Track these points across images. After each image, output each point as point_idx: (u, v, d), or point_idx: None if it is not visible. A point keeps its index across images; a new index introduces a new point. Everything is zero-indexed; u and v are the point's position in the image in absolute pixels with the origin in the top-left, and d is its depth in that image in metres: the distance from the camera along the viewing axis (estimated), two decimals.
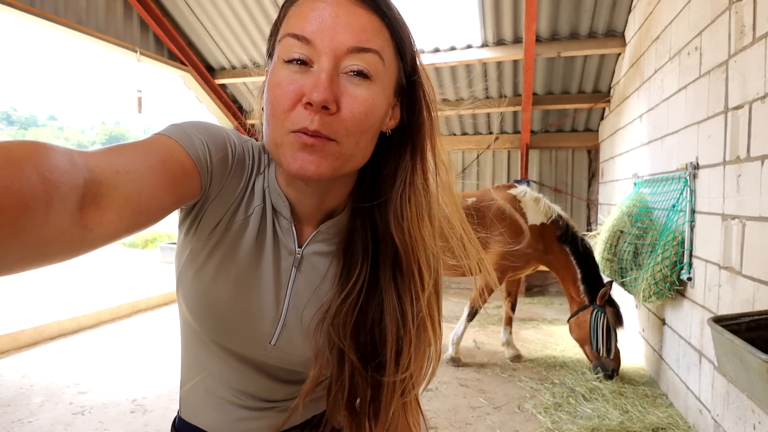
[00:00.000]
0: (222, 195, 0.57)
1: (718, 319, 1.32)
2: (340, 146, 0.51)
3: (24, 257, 0.33)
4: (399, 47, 0.54)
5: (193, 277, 0.59)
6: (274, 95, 0.50)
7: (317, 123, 0.48)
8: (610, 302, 3.13)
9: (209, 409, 0.67)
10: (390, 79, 0.54)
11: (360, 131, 0.51)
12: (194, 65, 5.41)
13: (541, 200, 3.45)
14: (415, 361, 0.59)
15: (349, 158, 0.53)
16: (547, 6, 4.08)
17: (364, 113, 0.51)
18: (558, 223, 3.37)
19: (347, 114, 0.50)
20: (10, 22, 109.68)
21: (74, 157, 0.37)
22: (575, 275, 3.27)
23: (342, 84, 0.50)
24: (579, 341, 3.26)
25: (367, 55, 0.50)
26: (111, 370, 3.15)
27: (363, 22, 0.50)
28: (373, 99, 0.51)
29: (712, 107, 2.27)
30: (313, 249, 0.63)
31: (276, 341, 0.62)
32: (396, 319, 0.58)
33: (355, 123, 0.50)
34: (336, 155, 0.51)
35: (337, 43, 0.49)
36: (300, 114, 0.49)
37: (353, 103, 0.50)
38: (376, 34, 0.51)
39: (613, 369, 3.02)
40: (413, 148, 0.59)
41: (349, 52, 0.49)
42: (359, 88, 0.50)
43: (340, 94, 0.49)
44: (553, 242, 3.34)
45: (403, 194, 0.58)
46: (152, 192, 0.43)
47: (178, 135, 0.50)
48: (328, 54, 0.49)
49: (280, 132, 0.51)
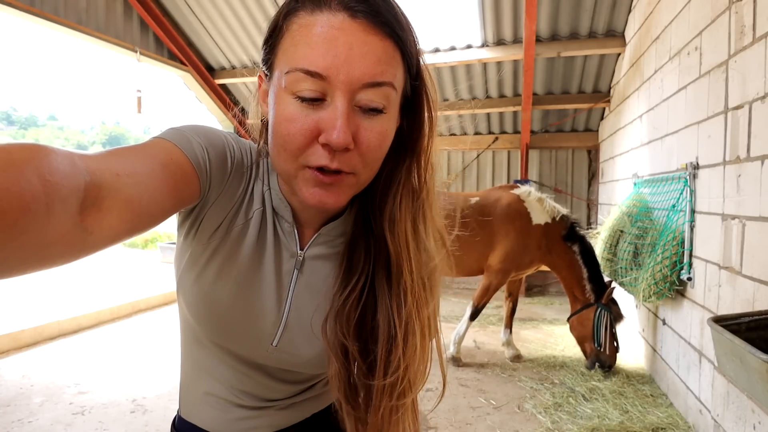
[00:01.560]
0: (221, 199, 0.57)
1: (718, 319, 1.32)
2: (357, 177, 0.52)
3: (24, 260, 0.33)
4: (408, 63, 0.53)
5: (194, 281, 0.60)
6: (287, 131, 0.49)
7: (337, 163, 0.49)
8: (612, 300, 3.16)
9: (209, 409, 0.67)
10: (398, 97, 0.54)
11: (375, 161, 0.52)
12: (194, 65, 5.41)
13: (545, 200, 3.44)
14: (405, 363, 0.59)
15: (365, 183, 0.54)
16: (547, 6, 4.08)
17: (379, 145, 0.51)
18: (563, 222, 3.36)
19: (364, 148, 0.50)
20: (10, 22, 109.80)
21: (75, 160, 0.37)
22: (580, 274, 3.25)
23: (357, 118, 0.49)
24: (579, 338, 3.27)
25: (383, 88, 0.49)
26: (111, 370, 3.15)
27: (378, 54, 0.48)
28: (386, 129, 0.52)
29: (712, 107, 2.27)
30: (314, 251, 0.63)
31: (278, 342, 0.62)
32: (388, 319, 0.59)
33: (372, 156, 0.51)
34: (353, 186, 0.52)
35: (352, 78, 0.47)
36: (318, 152, 0.49)
37: (369, 137, 0.50)
38: (390, 63, 0.49)
39: (610, 364, 3.10)
40: (409, 151, 0.59)
41: (365, 87, 0.48)
42: (374, 121, 0.50)
43: (356, 129, 0.49)
44: (557, 242, 3.33)
45: (396, 195, 0.58)
46: (153, 195, 0.43)
47: (177, 139, 0.50)
48: (342, 90, 0.47)
49: (293, 165, 0.51)
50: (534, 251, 3.37)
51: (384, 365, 0.58)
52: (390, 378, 0.58)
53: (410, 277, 0.59)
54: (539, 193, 3.50)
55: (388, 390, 0.59)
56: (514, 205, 3.43)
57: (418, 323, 0.59)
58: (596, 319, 3.12)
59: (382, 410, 0.59)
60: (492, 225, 3.41)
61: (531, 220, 3.38)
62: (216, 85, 5.77)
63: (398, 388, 0.59)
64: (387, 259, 0.59)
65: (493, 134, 5.95)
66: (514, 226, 3.38)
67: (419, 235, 0.59)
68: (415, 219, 0.59)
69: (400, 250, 0.58)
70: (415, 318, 0.59)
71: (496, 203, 3.48)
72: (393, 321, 0.58)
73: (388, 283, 0.60)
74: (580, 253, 3.27)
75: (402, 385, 0.59)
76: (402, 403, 0.60)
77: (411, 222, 0.59)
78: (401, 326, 0.58)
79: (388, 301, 0.59)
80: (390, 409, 0.60)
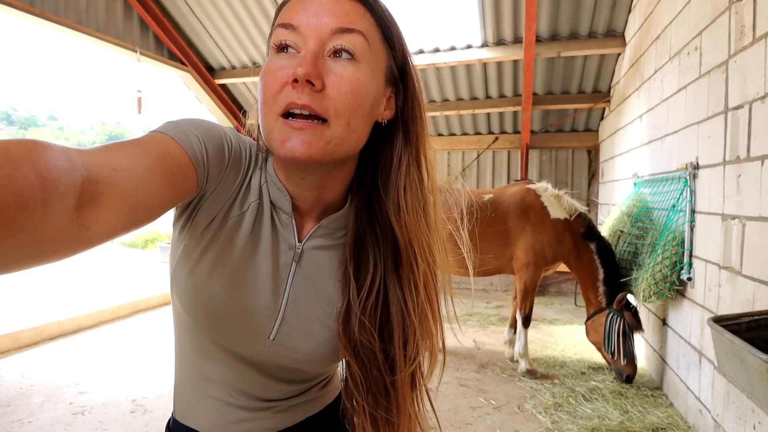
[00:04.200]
0: (218, 192, 0.57)
1: (718, 319, 1.32)
2: (330, 128, 0.51)
3: (21, 256, 0.33)
4: (385, 33, 0.56)
5: (187, 275, 0.59)
6: (264, 82, 0.52)
7: (306, 98, 0.49)
8: (627, 306, 3.00)
9: (204, 411, 0.66)
10: (378, 63, 0.55)
11: (349, 111, 0.51)
12: (194, 65, 5.41)
13: (563, 197, 3.33)
14: (420, 351, 0.60)
15: (341, 142, 0.52)
16: (547, 6, 4.08)
17: (350, 92, 0.51)
18: (581, 220, 3.26)
19: (333, 92, 0.50)
20: (10, 22, 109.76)
21: (72, 156, 0.37)
22: (596, 275, 3.14)
23: (327, 64, 0.51)
24: (595, 344, 3.17)
25: (351, 35, 0.51)
26: (111, 370, 3.15)
27: (346, 8, 0.52)
28: (359, 78, 0.52)
29: (712, 107, 2.27)
30: (313, 243, 0.63)
31: (275, 336, 0.61)
32: (401, 310, 0.59)
33: (343, 101, 0.51)
34: (327, 138, 0.51)
35: (320, 26, 0.51)
36: (287, 92, 0.50)
37: (338, 82, 0.51)
38: (360, 18, 0.53)
39: (628, 375, 2.93)
40: (408, 139, 0.60)
41: (333, 34, 0.51)
42: (344, 67, 0.51)
43: (326, 73, 0.50)
44: (577, 240, 3.23)
45: (400, 185, 0.59)
46: (150, 190, 0.43)
47: (174, 132, 0.50)
48: (312, 37, 0.51)
49: (270, 117, 0.51)
50: (556, 245, 3.23)
51: (403, 355, 0.59)
52: (410, 367, 0.59)
53: (419, 266, 0.59)
54: (556, 189, 3.40)
55: (408, 379, 0.60)
56: (528, 199, 3.33)
57: (429, 308, 0.60)
58: (608, 325, 3.00)
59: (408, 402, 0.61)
60: (507, 221, 3.31)
61: (549, 213, 3.27)
62: (216, 85, 5.77)
63: (416, 377, 0.61)
64: (395, 251, 0.60)
65: (493, 134, 5.95)
66: (529, 220, 3.27)
67: (426, 222, 0.60)
68: (421, 207, 0.59)
69: (408, 239, 0.59)
70: (426, 305, 0.60)
71: (510, 198, 3.38)
72: (407, 310, 0.59)
73: (397, 273, 0.60)
74: (597, 253, 3.16)
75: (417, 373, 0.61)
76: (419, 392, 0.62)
77: (417, 211, 0.59)
78: (416, 315, 0.59)
79: (399, 292, 0.60)
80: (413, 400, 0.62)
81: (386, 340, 0.60)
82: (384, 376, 0.60)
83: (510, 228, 3.32)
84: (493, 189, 3.68)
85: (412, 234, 0.59)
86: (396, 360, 0.60)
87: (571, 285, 5.63)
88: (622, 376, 2.95)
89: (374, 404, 0.61)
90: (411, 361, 0.59)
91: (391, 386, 0.61)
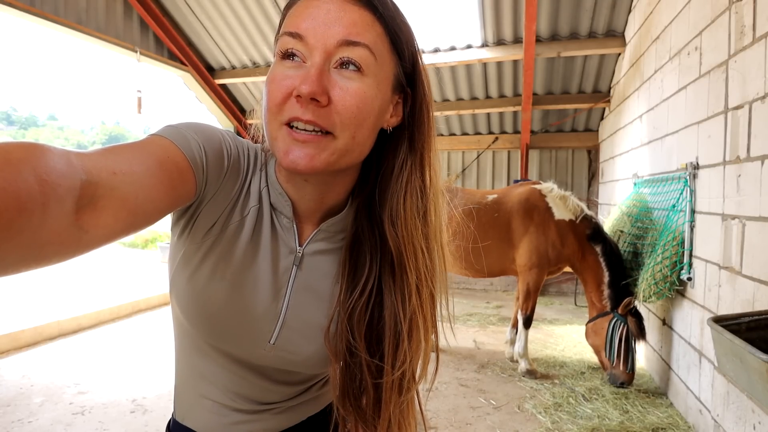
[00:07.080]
0: (217, 197, 0.57)
1: (718, 319, 1.32)
2: (335, 141, 0.51)
3: (20, 259, 0.33)
4: (394, 42, 0.54)
5: (187, 280, 0.59)
6: (269, 90, 0.52)
7: (311, 114, 0.49)
8: (633, 313, 2.92)
9: (204, 412, 0.66)
10: (386, 74, 0.54)
11: (355, 125, 0.51)
12: (194, 65, 5.41)
13: (569, 198, 3.28)
14: (411, 358, 0.60)
15: (345, 153, 0.52)
16: (547, 6, 4.08)
17: (355, 105, 0.51)
18: (586, 222, 3.21)
19: (339, 106, 0.50)
20: (10, 22, 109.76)
21: (71, 159, 0.37)
22: (601, 278, 3.08)
23: (333, 78, 0.50)
24: (594, 348, 3.13)
25: (357, 48, 0.50)
26: (111, 370, 3.15)
27: (354, 17, 0.51)
28: (364, 92, 0.51)
29: (712, 107, 2.27)
30: (314, 247, 0.62)
31: (275, 340, 0.61)
32: (394, 315, 0.59)
33: (348, 115, 0.50)
34: (332, 150, 0.51)
35: (327, 37, 0.50)
36: (292, 105, 0.50)
37: (344, 96, 0.50)
38: (367, 29, 0.51)
39: (623, 382, 2.86)
40: (412, 146, 0.59)
41: (339, 46, 0.50)
42: (350, 81, 0.51)
43: (331, 87, 0.50)
44: (582, 242, 3.18)
45: (399, 193, 0.58)
46: (149, 193, 0.43)
47: (174, 136, 0.50)
48: (319, 49, 0.50)
49: (274, 125, 0.51)
50: (559, 247, 3.19)
51: (391, 360, 0.59)
52: (397, 372, 0.59)
53: (414, 273, 0.59)
54: (562, 191, 3.35)
55: (396, 385, 0.59)
56: (533, 199, 3.29)
57: (422, 317, 0.60)
58: (610, 330, 2.92)
59: (391, 407, 0.60)
60: (510, 221, 3.28)
61: (553, 214, 3.23)
62: (216, 85, 5.77)
63: (405, 383, 0.60)
64: (391, 255, 0.59)
65: (493, 134, 5.95)
66: (532, 221, 3.24)
67: (425, 230, 0.59)
68: (419, 216, 0.59)
69: (403, 247, 0.58)
70: (418, 312, 0.59)
71: (515, 198, 3.34)
72: (399, 317, 0.59)
73: (392, 279, 0.60)
74: (603, 255, 3.10)
75: (407, 378, 0.60)
76: (408, 397, 0.61)
77: (415, 219, 0.59)
78: (406, 321, 0.59)
79: (393, 297, 0.59)
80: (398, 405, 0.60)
81: (374, 343, 0.60)
82: (369, 380, 0.60)
83: (512, 229, 3.30)
84: (498, 189, 3.64)
85: (407, 243, 0.58)
86: (384, 364, 0.59)
87: (571, 285, 5.63)
88: (617, 382, 2.89)
89: (358, 407, 0.61)
90: (399, 366, 0.59)
91: (373, 389, 0.60)
